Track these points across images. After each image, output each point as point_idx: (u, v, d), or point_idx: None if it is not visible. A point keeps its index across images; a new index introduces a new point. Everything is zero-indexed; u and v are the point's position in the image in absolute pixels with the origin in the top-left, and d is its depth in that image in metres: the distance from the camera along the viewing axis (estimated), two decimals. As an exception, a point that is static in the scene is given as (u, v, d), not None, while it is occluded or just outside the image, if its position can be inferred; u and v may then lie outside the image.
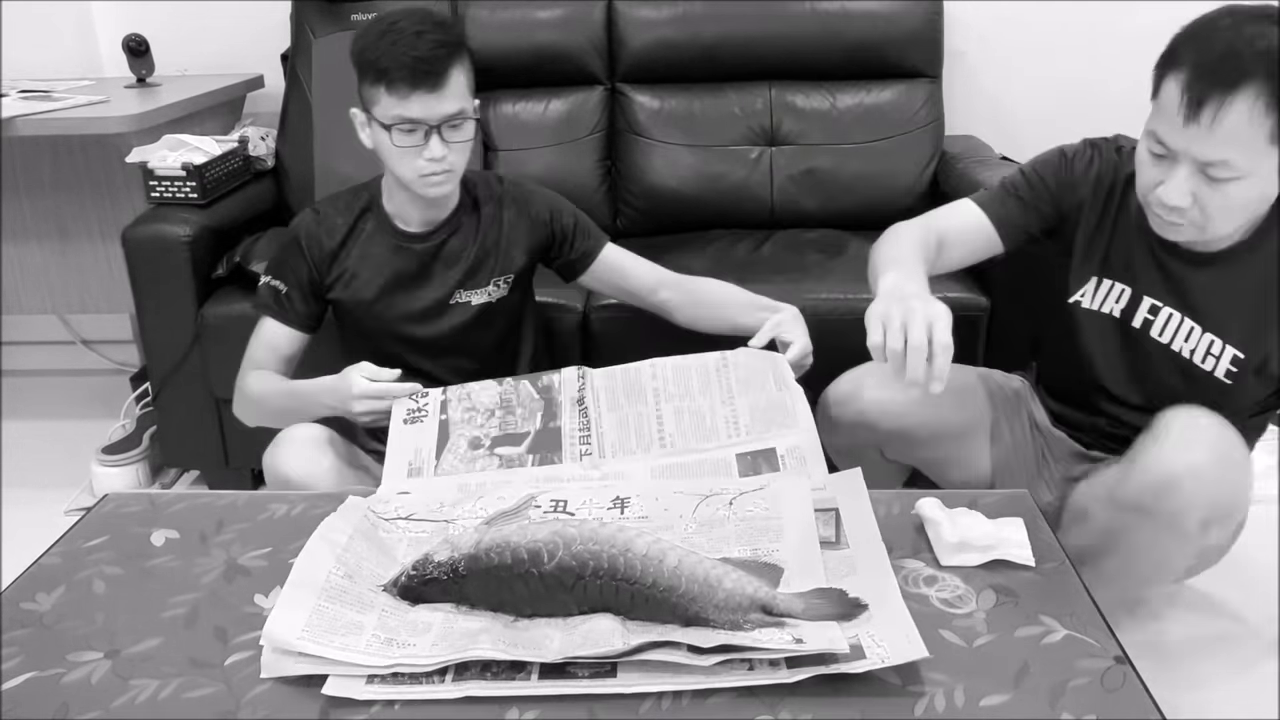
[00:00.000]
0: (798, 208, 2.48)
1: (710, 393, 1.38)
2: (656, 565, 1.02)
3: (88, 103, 2.32)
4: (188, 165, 2.16)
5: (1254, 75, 1.14)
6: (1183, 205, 1.22)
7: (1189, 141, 1.19)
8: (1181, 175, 1.21)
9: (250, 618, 1.07)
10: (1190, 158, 1.20)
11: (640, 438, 1.35)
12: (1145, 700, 0.93)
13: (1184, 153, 1.20)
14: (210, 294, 2.15)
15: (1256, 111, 1.15)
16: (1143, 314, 1.37)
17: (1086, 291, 1.43)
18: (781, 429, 1.33)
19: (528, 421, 1.38)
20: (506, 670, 0.96)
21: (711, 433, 1.34)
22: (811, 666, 0.94)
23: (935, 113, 2.51)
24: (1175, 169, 1.21)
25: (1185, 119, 1.17)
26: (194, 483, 2.40)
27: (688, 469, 1.30)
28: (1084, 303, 1.43)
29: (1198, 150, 1.18)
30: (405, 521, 1.22)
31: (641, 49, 2.53)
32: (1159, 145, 1.23)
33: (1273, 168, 1.20)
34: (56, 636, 1.05)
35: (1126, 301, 1.39)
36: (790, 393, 1.37)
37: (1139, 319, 1.37)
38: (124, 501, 1.32)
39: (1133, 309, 1.38)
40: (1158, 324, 1.36)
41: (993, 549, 1.13)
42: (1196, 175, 1.20)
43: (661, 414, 1.37)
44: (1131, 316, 1.38)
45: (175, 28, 2.73)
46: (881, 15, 2.48)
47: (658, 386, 1.40)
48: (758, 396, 1.36)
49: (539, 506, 1.21)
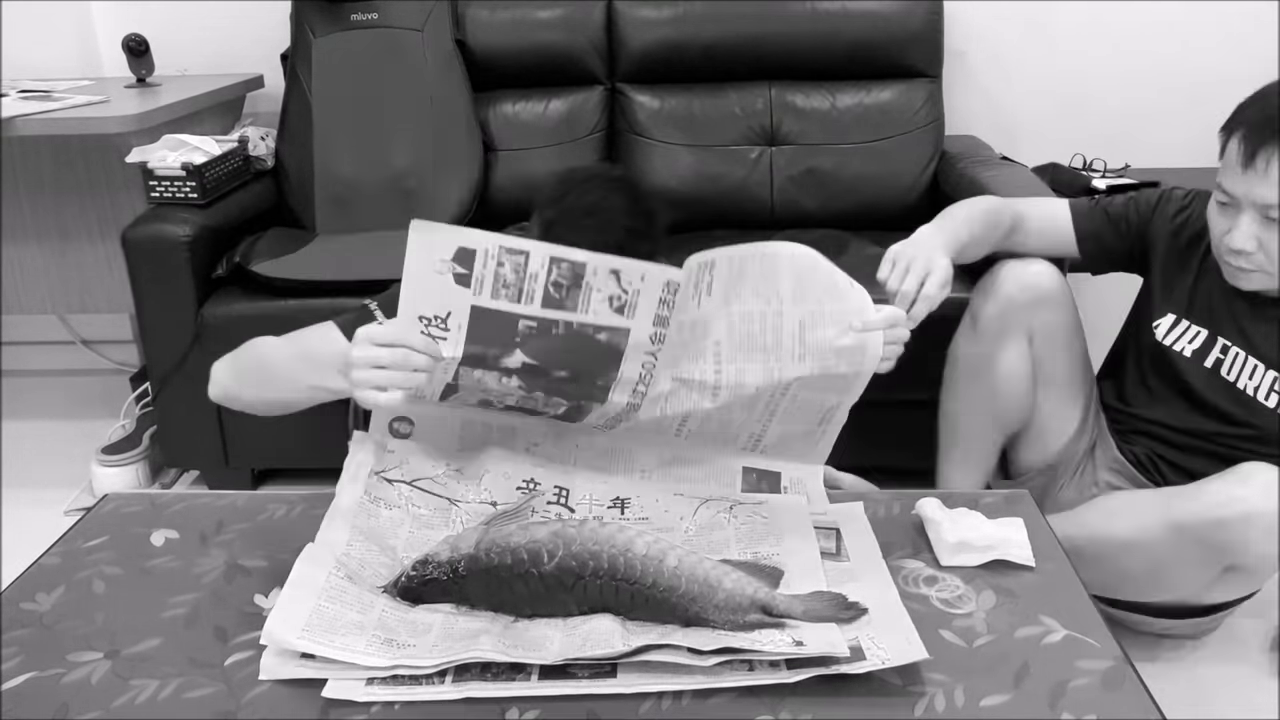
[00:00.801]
0: (798, 208, 2.48)
1: (751, 410, 1.22)
2: (657, 565, 1.02)
3: (87, 103, 2.32)
4: (188, 165, 2.16)
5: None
6: (1248, 249, 1.37)
7: (1249, 186, 1.35)
8: (1245, 221, 1.37)
9: (250, 618, 1.06)
10: (1251, 202, 1.36)
11: (660, 427, 1.24)
12: (1145, 700, 0.93)
13: (1245, 198, 1.36)
14: (210, 294, 2.15)
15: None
16: (1215, 354, 1.51)
17: (1162, 324, 1.56)
18: (797, 457, 1.28)
19: (546, 410, 1.19)
20: (506, 671, 0.96)
21: (730, 442, 1.27)
22: (811, 667, 0.94)
23: (935, 113, 2.51)
24: (1240, 216, 1.38)
25: (1244, 166, 1.35)
26: (194, 483, 2.40)
27: (691, 467, 1.28)
28: (1159, 335, 1.56)
29: (1257, 194, 1.34)
30: (408, 487, 1.19)
31: (641, 49, 2.53)
32: (1224, 195, 1.39)
33: None
34: (56, 636, 1.05)
35: (1202, 343, 1.52)
36: (829, 427, 1.25)
37: (1211, 359, 1.51)
38: (124, 502, 1.32)
39: (1207, 349, 1.52)
40: (1227, 363, 1.50)
41: (993, 549, 1.13)
42: (1258, 220, 1.36)
43: (688, 418, 1.22)
44: (1205, 357, 1.52)
45: (175, 28, 2.73)
46: (881, 15, 2.48)
47: (719, 381, 1.19)
48: (794, 427, 1.25)
49: (541, 494, 1.20)
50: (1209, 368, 1.51)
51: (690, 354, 1.17)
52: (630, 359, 1.13)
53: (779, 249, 1.17)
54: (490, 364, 1.12)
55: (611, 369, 1.13)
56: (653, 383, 1.16)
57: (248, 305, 2.11)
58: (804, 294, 1.17)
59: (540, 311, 1.09)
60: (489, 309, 1.08)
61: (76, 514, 2.16)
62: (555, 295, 1.08)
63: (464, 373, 1.13)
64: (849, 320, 1.18)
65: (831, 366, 1.19)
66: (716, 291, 1.14)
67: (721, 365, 1.18)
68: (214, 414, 2.19)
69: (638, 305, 1.09)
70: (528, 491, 1.20)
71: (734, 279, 1.15)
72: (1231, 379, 1.49)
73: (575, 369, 1.13)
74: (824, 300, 1.18)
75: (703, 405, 1.20)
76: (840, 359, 1.19)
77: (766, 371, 1.18)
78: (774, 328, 1.18)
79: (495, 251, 1.06)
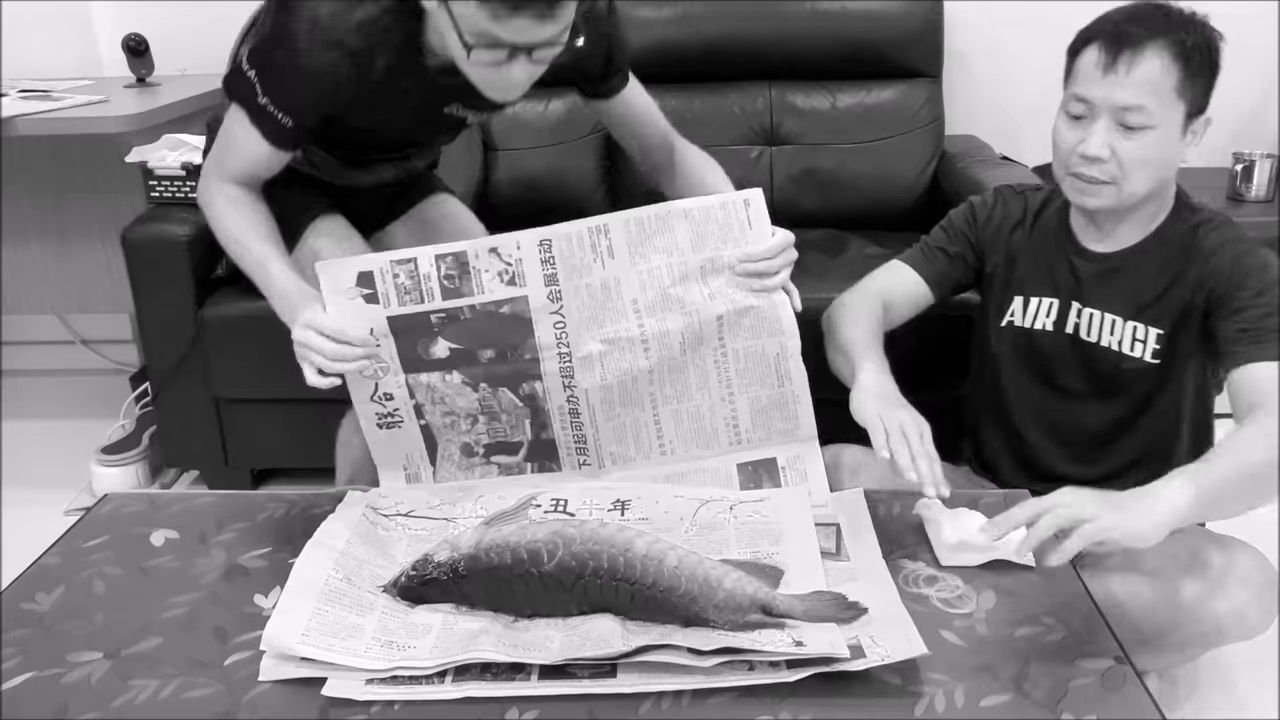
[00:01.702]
0: (798, 208, 2.48)
1: (709, 389, 1.32)
2: (657, 565, 1.02)
3: (87, 102, 2.31)
4: (187, 165, 2.16)
5: (1159, 33, 1.30)
6: (1102, 156, 1.32)
7: (1108, 90, 1.31)
8: (1100, 128, 1.33)
9: (250, 618, 1.06)
10: (1109, 106, 1.32)
11: (639, 444, 1.32)
12: (1145, 700, 0.93)
13: (1103, 102, 1.32)
14: (210, 294, 2.14)
15: (1165, 60, 1.30)
16: (1072, 319, 1.46)
17: (1014, 311, 1.51)
18: (784, 437, 1.32)
19: (517, 430, 1.33)
20: (506, 671, 0.96)
21: (712, 438, 1.32)
22: (811, 666, 0.94)
23: (935, 113, 2.51)
24: (1094, 124, 1.33)
25: (1104, 70, 1.31)
26: (194, 483, 2.39)
27: (687, 478, 1.30)
28: (1015, 321, 1.50)
29: (1117, 96, 1.31)
30: (404, 518, 1.22)
31: (641, 49, 2.53)
32: (1079, 104, 1.35)
33: (1177, 121, 1.32)
34: (56, 637, 1.05)
35: (1056, 313, 1.47)
36: (792, 384, 1.31)
37: (1070, 325, 1.46)
38: (124, 501, 1.32)
39: (1063, 318, 1.47)
40: (1083, 325, 1.45)
41: (993, 549, 1.13)
42: (1114, 128, 1.32)
43: (660, 417, 1.32)
44: (1063, 324, 1.46)
45: (175, 28, 2.72)
46: (881, 15, 2.47)
47: (654, 391, 1.31)
48: (758, 392, 1.32)
49: (539, 506, 1.21)
50: (1070, 333, 1.46)
51: (611, 314, 1.29)
52: (539, 323, 1.28)
53: (672, 204, 1.28)
54: (425, 361, 1.28)
55: (527, 335, 1.28)
56: (578, 344, 1.29)
57: (248, 305, 2.10)
58: (702, 242, 1.28)
59: (444, 304, 1.26)
60: (401, 315, 1.26)
61: (76, 514, 2.16)
62: (451, 286, 1.26)
63: (413, 383, 1.29)
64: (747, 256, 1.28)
65: (741, 300, 1.29)
66: (620, 252, 1.27)
67: (643, 319, 1.29)
68: (214, 414, 2.19)
69: (524, 272, 1.26)
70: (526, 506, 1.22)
71: (636, 239, 1.27)
72: (1094, 340, 1.44)
73: (496, 344, 1.28)
74: (722, 244, 1.28)
75: (639, 364, 1.30)
76: (747, 292, 1.29)
77: (685, 317, 1.29)
78: (680, 276, 1.28)
79: (388, 266, 1.25)
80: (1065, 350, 1.46)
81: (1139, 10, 1.36)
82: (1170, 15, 1.34)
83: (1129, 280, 1.41)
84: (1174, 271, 1.38)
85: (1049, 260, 1.48)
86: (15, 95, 2.38)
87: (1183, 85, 1.31)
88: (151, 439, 2.39)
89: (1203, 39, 1.32)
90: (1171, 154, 1.35)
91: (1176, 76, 1.30)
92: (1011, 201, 1.55)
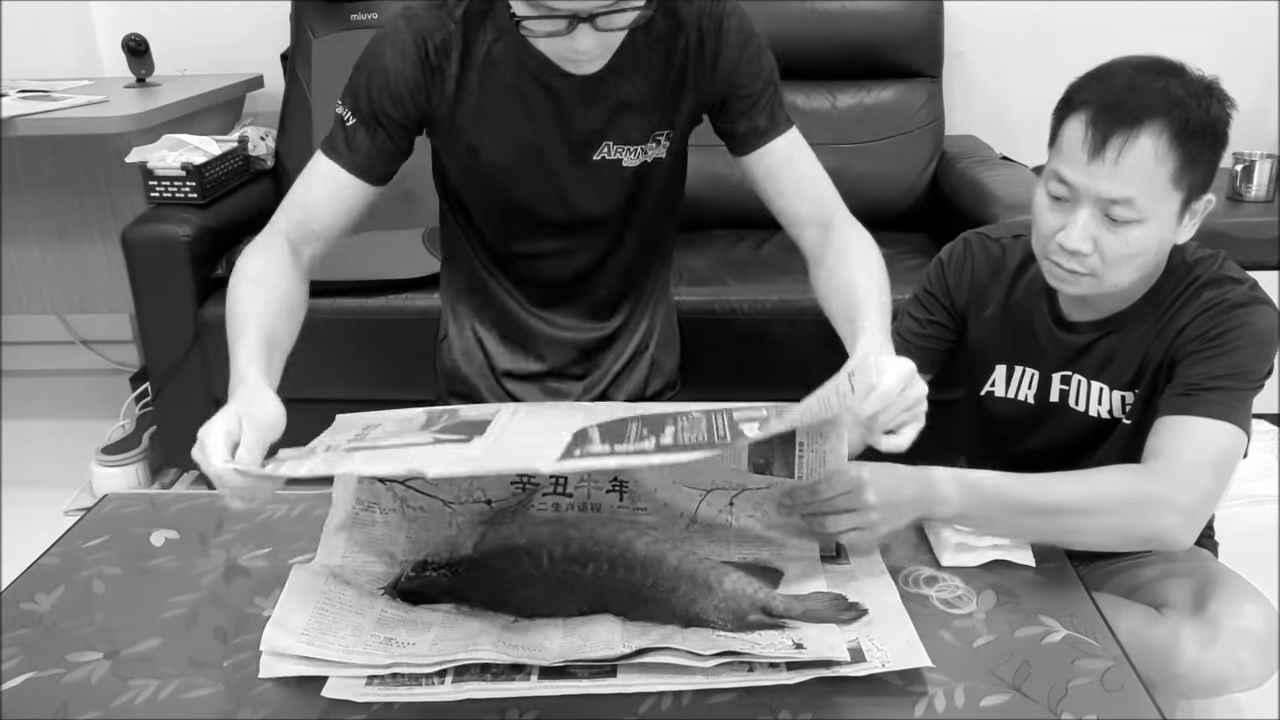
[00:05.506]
0: (798, 208, 2.48)
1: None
2: (657, 566, 1.02)
3: (87, 103, 2.32)
4: (187, 165, 2.16)
5: (1158, 113, 1.14)
6: (1083, 250, 1.18)
7: (1093, 179, 1.16)
8: (1083, 218, 1.18)
9: (250, 618, 1.06)
10: (1093, 196, 1.17)
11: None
12: (1145, 700, 0.93)
13: (1087, 191, 1.17)
14: (210, 294, 2.15)
15: (1160, 149, 1.14)
16: (1057, 388, 1.35)
17: (997, 380, 1.40)
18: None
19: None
20: (506, 671, 0.96)
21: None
22: (811, 668, 0.94)
23: (935, 113, 2.51)
24: (1076, 212, 1.19)
25: (1090, 155, 1.16)
26: (194, 483, 2.40)
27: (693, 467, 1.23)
28: (996, 392, 1.41)
29: (1102, 188, 1.16)
30: (402, 487, 1.17)
31: (641, 49, 2.53)
32: (1061, 186, 1.20)
33: (1171, 213, 1.18)
34: (56, 637, 1.05)
35: (1038, 385, 1.37)
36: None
37: (1055, 394, 1.35)
38: (124, 502, 1.32)
39: (1045, 389, 1.36)
40: (1071, 394, 1.35)
41: (993, 549, 1.13)
42: (1098, 219, 1.18)
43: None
44: (1046, 396, 1.36)
45: (175, 28, 2.73)
46: (881, 15, 2.48)
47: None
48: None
49: (537, 486, 1.17)
50: (1055, 402, 1.35)
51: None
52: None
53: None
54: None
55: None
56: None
57: (248, 305, 2.11)
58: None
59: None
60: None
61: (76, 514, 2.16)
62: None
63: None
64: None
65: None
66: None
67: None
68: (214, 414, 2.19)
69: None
70: (523, 489, 1.19)
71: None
72: (1082, 409, 1.33)
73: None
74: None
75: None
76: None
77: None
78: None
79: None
80: (1048, 416, 1.37)
81: (1137, 79, 1.18)
82: (1171, 89, 1.16)
83: (1118, 349, 1.29)
84: (1160, 329, 1.26)
85: (1031, 328, 1.36)
86: (15, 95, 2.38)
87: (1180, 173, 1.15)
88: (151, 439, 2.39)
89: (1208, 116, 1.16)
90: (1163, 244, 1.21)
91: (1173, 165, 1.14)
92: (982, 253, 1.41)
